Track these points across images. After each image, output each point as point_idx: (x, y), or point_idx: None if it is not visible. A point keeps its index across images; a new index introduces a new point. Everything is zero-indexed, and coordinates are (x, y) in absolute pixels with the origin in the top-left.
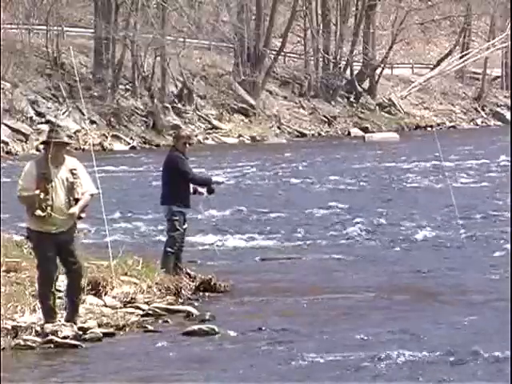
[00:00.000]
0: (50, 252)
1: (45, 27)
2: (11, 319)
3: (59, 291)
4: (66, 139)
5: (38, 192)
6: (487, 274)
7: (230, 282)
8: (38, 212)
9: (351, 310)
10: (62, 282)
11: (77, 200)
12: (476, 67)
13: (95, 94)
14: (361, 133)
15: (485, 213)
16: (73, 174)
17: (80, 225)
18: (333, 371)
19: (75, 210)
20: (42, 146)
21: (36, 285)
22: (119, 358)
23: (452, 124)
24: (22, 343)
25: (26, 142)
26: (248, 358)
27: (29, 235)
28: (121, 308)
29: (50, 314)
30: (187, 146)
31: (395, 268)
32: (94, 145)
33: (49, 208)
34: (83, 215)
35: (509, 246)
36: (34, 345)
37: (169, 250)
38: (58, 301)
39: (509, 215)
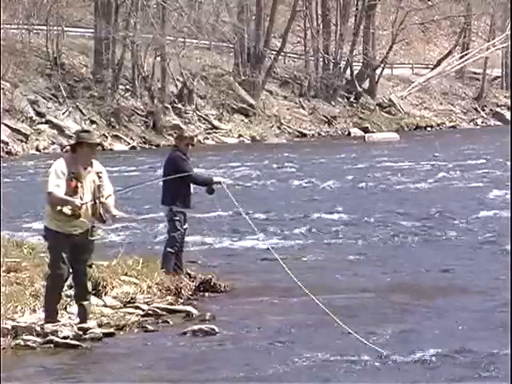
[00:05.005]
0: (65, 253)
1: (45, 27)
2: (11, 319)
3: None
4: (98, 140)
5: (73, 199)
6: (487, 273)
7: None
8: (66, 210)
9: (351, 310)
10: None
11: (101, 203)
12: (476, 67)
13: (95, 94)
14: (361, 133)
15: (485, 212)
16: (99, 176)
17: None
18: (333, 371)
19: (117, 212)
20: (68, 148)
21: (37, 284)
22: (119, 358)
23: (452, 124)
24: (22, 343)
25: (26, 142)
26: (248, 357)
27: (45, 234)
28: (121, 308)
29: (51, 315)
30: (190, 146)
31: (395, 268)
32: None
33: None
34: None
35: (509, 245)
36: (34, 345)
37: (169, 250)
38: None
39: (509, 215)
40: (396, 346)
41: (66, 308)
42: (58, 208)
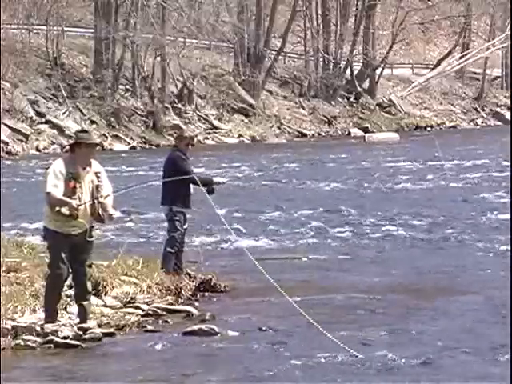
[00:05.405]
0: (64, 253)
1: (45, 27)
2: (11, 319)
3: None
4: (97, 140)
5: (71, 201)
6: (487, 273)
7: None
8: (64, 210)
9: (351, 309)
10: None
11: (99, 203)
12: (476, 67)
13: (95, 94)
14: (361, 133)
15: (484, 213)
16: (97, 176)
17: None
18: (333, 371)
19: (114, 211)
20: (67, 148)
21: (37, 284)
22: (119, 358)
23: (452, 124)
24: (22, 343)
25: (26, 142)
26: (248, 357)
27: (45, 234)
28: (121, 308)
29: (51, 315)
30: (190, 146)
31: (395, 268)
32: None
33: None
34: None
35: (509, 246)
36: (34, 345)
37: (169, 250)
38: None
39: (509, 215)
40: (396, 346)
41: (66, 308)
42: (57, 208)
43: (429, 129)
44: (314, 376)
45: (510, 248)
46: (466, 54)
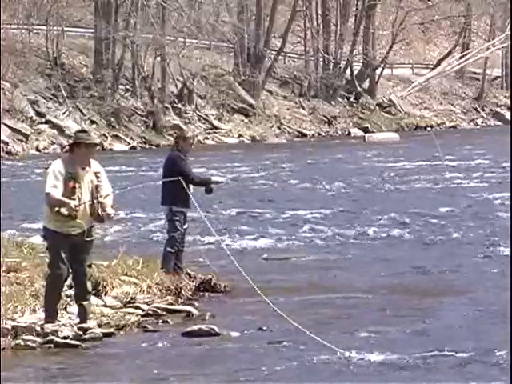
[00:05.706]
0: (64, 253)
1: (45, 27)
2: (11, 319)
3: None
4: (96, 140)
5: (69, 201)
6: (487, 273)
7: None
8: (63, 210)
9: (351, 309)
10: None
11: (99, 203)
12: (476, 67)
13: (95, 94)
14: (361, 133)
15: (484, 212)
16: (97, 176)
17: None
18: (332, 371)
19: (112, 211)
20: (67, 148)
21: (37, 284)
22: (119, 358)
23: (452, 124)
24: (22, 343)
25: (26, 142)
26: (248, 358)
27: (44, 234)
28: (121, 308)
29: (51, 315)
30: (192, 146)
31: (395, 268)
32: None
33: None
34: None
35: (508, 245)
36: (34, 345)
37: (169, 250)
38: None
39: (508, 215)
40: (395, 346)
41: (66, 308)
42: (56, 209)
43: (429, 129)
44: (313, 376)
45: (510, 248)
46: (466, 54)
